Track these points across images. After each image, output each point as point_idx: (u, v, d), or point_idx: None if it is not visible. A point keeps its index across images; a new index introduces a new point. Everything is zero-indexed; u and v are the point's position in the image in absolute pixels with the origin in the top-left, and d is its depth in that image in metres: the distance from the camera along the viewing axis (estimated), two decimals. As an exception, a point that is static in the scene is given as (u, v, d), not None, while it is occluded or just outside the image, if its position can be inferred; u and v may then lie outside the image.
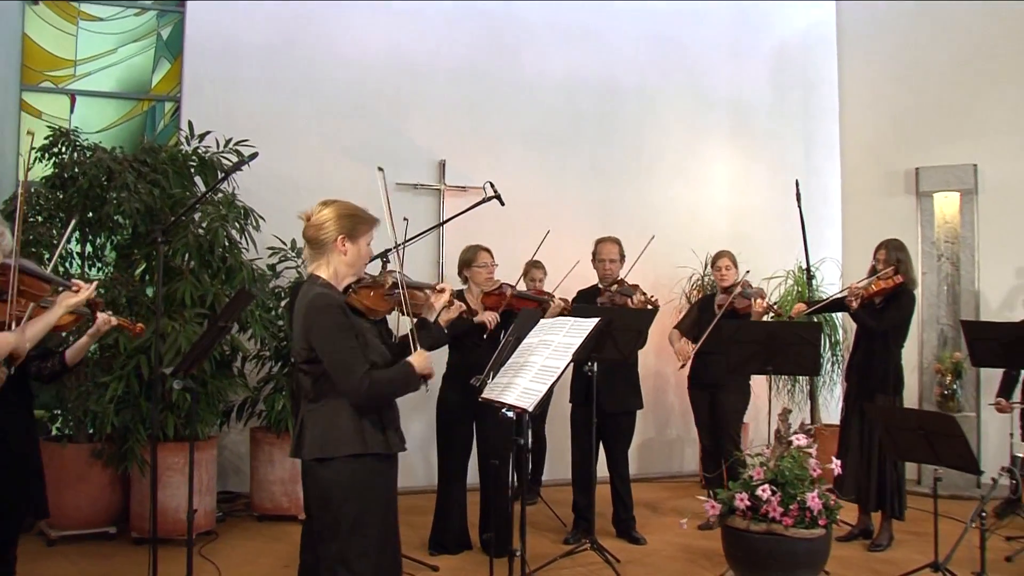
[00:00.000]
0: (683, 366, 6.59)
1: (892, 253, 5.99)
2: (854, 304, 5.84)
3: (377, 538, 3.19)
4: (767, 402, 7.71)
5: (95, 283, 3.85)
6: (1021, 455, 5.00)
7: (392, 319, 4.23)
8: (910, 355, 7.73)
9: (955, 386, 7.55)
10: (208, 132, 6.65)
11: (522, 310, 4.80)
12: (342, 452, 3.13)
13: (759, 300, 6.14)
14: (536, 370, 3.73)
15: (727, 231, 8.68)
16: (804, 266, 6.62)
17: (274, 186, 7.33)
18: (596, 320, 3.74)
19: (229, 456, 7.23)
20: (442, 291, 3.60)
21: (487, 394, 3.98)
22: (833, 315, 7.82)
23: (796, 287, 7.74)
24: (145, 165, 6.11)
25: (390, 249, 5.52)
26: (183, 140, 6.67)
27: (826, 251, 8.95)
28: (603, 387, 5.81)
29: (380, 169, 5.38)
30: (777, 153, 9.01)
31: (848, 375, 6.22)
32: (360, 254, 3.30)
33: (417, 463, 7.40)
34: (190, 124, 6.68)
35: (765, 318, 6.25)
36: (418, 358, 3.29)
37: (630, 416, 6.24)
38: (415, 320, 3.46)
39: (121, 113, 7.66)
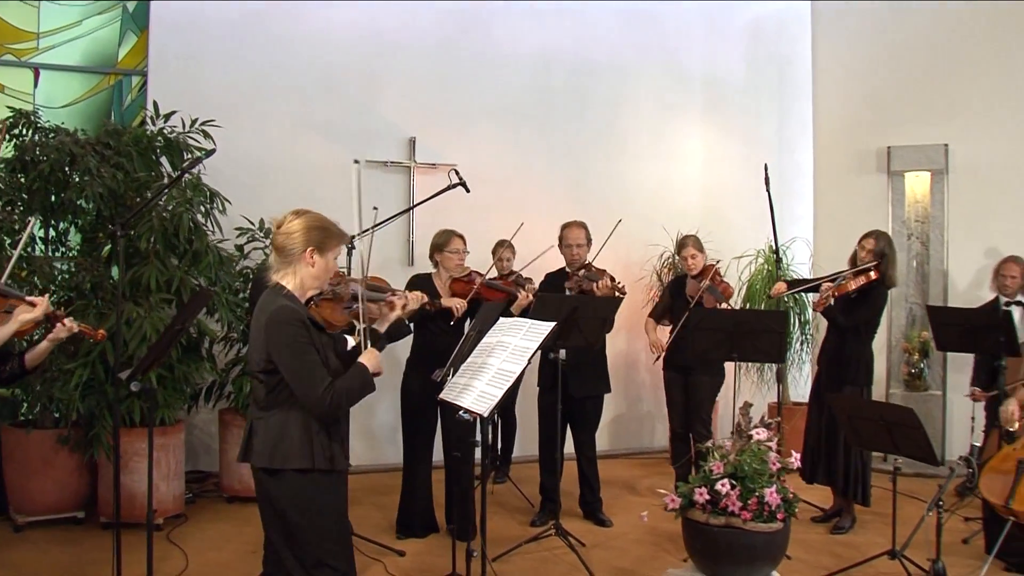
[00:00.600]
0: (657, 359, 6.60)
1: (880, 246, 5.96)
2: (826, 303, 5.84)
3: (331, 548, 3.25)
4: (737, 380, 7.81)
5: (46, 297, 3.83)
6: (979, 444, 5.05)
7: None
8: (879, 334, 7.79)
9: (922, 365, 7.63)
10: (174, 112, 6.57)
11: (484, 305, 4.80)
12: (290, 465, 3.18)
13: (724, 306, 6.15)
14: (493, 373, 3.74)
15: (699, 208, 8.68)
16: (773, 245, 6.67)
17: (242, 164, 7.28)
18: (552, 324, 3.75)
19: (199, 435, 7.24)
20: (393, 305, 3.60)
21: (446, 395, 4.00)
22: (804, 295, 7.85)
23: (766, 266, 7.74)
24: (108, 148, 6.03)
25: (355, 236, 5.53)
26: (149, 120, 6.58)
27: (799, 227, 8.97)
28: (570, 372, 5.85)
29: (356, 161, 5.41)
30: (751, 129, 8.98)
31: (819, 362, 6.25)
32: (327, 267, 3.29)
33: (386, 442, 7.43)
34: (155, 104, 6.59)
35: None
36: (370, 358, 3.32)
37: (597, 400, 6.27)
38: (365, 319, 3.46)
39: (87, 87, 7.53)
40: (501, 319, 4.14)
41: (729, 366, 6.86)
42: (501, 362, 3.76)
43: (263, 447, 3.20)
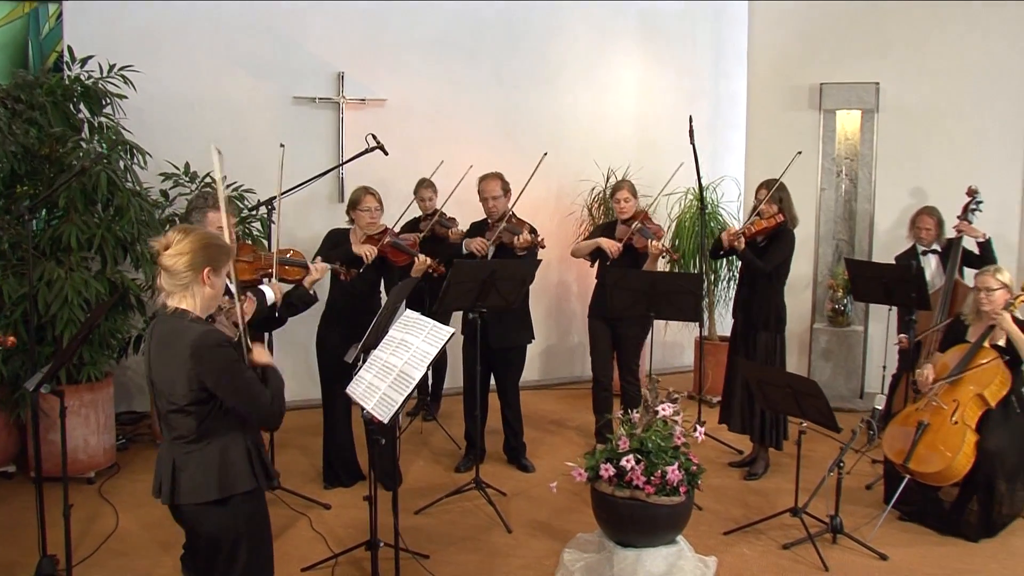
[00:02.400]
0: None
1: (775, 192, 6.07)
2: (739, 243, 5.95)
3: (267, 561, 3.34)
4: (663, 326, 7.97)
5: None
6: (879, 407, 5.26)
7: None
8: (806, 269, 7.98)
9: (846, 301, 7.82)
10: (90, 56, 6.38)
11: (400, 284, 4.84)
12: (238, 490, 3.13)
13: (655, 243, 6.16)
14: (395, 375, 3.82)
15: (633, 140, 8.68)
16: (698, 193, 6.73)
17: (168, 104, 7.16)
18: (451, 331, 3.80)
19: (132, 376, 7.30)
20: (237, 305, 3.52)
21: (352, 390, 4.08)
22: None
23: (696, 202, 7.78)
24: (20, 102, 5.86)
25: (275, 197, 5.53)
26: (65, 66, 6.38)
27: (733, 157, 9.02)
28: (492, 323, 5.95)
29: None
30: (687, 58, 8.92)
31: (735, 311, 6.39)
32: (221, 286, 3.19)
33: (304, 378, 7.43)
34: (70, 49, 6.39)
35: (660, 260, 6.30)
36: (264, 354, 3.28)
37: (520, 350, 6.39)
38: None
39: (1, 15, 7.25)
40: (407, 312, 4.18)
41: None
42: (403, 363, 3.83)
43: (204, 479, 3.10)
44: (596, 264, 6.63)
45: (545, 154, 6.51)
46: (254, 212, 6.73)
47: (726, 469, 6.40)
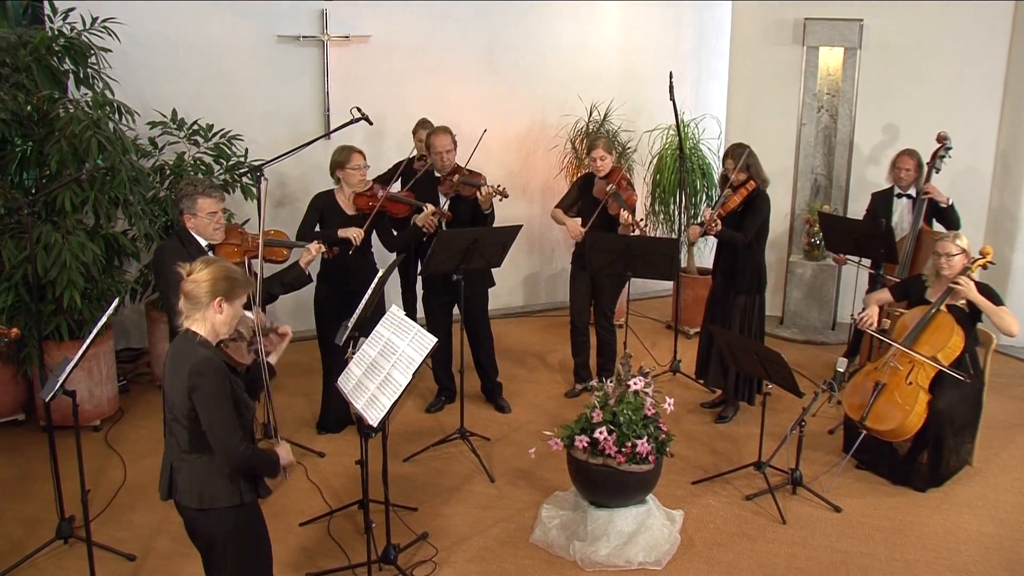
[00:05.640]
0: (579, 240, 6.73)
1: (741, 160, 6.17)
2: (714, 229, 6.13)
3: (260, 569, 3.66)
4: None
5: None
6: (841, 370, 5.55)
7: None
8: (784, 201, 8.18)
9: (821, 236, 8.03)
10: (72, 8, 6.38)
11: (381, 275, 5.03)
12: (219, 505, 3.42)
13: (625, 213, 6.30)
14: (383, 377, 4.08)
15: (616, 71, 8.70)
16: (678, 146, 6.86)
17: (151, 46, 7.17)
18: (435, 341, 4.04)
19: (130, 315, 7.54)
20: (284, 335, 3.85)
21: (342, 385, 4.36)
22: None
23: (677, 136, 7.87)
24: (5, 66, 5.91)
25: (265, 164, 5.66)
26: (47, 19, 6.40)
27: (716, 85, 9.08)
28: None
29: (264, 178, 5.35)
30: (671, -15, 8.86)
31: (714, 273, 6.59)
32: (235, 314, 3.44)
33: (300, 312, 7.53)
34: (51, 3, 6.38)
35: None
36: (284, 451, 3.62)
37: (482, 295, 6.59)
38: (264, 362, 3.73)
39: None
40: (391, 311, 4.41)
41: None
42: (391, 367, 4.09)
43: (190, 488, 3.42)
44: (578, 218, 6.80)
45: (485, 131, 6.53)
46: (242, 163, 6.87)
47: (698, 411, 6.74)
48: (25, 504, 5.39)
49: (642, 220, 6.67)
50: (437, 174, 6.44)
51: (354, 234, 5.84)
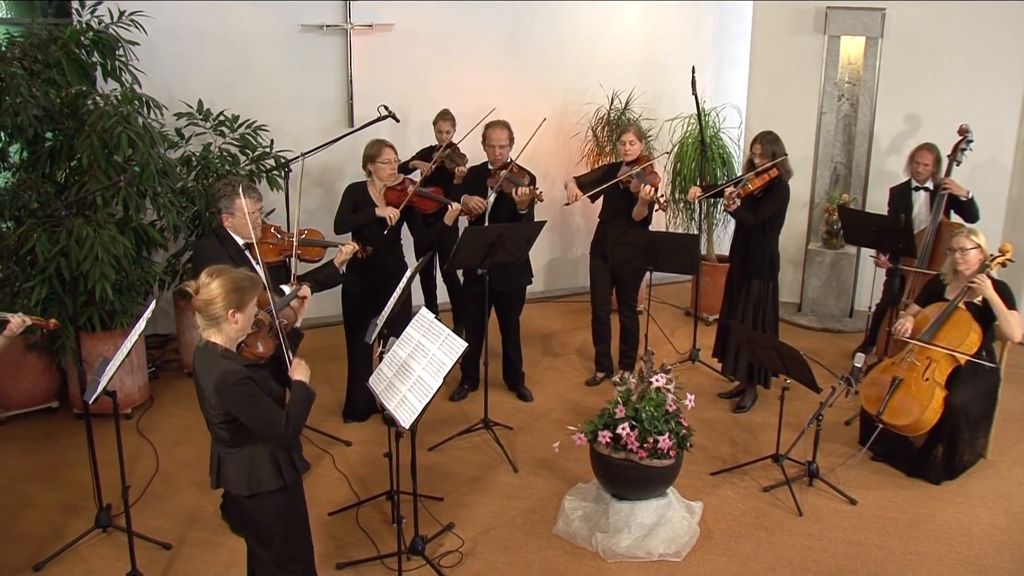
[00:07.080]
0: (567, 204, 6.94)
1: (768, 147, 6.25)
2: (733, 205, 6.22)
3: (302, 544, 3.83)
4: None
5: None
6: (859, 365, 5.62)
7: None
8: (804, 189, 8.22)
9: (839, 224, 8.08)
10: (100, 1, 6.48)
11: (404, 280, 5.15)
12: (265, 488, 3.62)
13: (647, 188, 6.40)
14: (414, 380, 4.20)
15: (637, 59, 8.73)
16: (699, 138, 6.90)
17: (177, 37, 7.25)
18: (464, 346, 4.14)
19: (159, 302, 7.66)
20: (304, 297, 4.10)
21: (373, 385, 4.48)
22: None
23: (697, 127, 7.93)
24: (37, 62, 6.01)
25: (296, 158, 5.74)
26: (75, 12, 6.48)
27: (736, 72, 9.09)
28: (495, 268, 6.19)
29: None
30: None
31: (730, 258, 6.69)
32: (249, 318, 3.56)
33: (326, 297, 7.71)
34: (80, -1, 6.48)
35: (654, 210, 6.53)
36: (301, 371, 3.72)
37: (521, 290, 6.72)
38: (284, 331, 3.84)
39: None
40: (421, 313, 4.51)
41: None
42: (421, 369, 4.20)
43: (237, 477, 3.62)
44: (599, 202, 6.87)
45: (544, 119, 6.70)
46: (267, 154, 6.97)
47: (716, 401, 6.84)
48: (62, 492, 5.55)
49: (663, 197, 6.75)
50: (490, 166, 6.54)
51: (390, 212, 5.97)
